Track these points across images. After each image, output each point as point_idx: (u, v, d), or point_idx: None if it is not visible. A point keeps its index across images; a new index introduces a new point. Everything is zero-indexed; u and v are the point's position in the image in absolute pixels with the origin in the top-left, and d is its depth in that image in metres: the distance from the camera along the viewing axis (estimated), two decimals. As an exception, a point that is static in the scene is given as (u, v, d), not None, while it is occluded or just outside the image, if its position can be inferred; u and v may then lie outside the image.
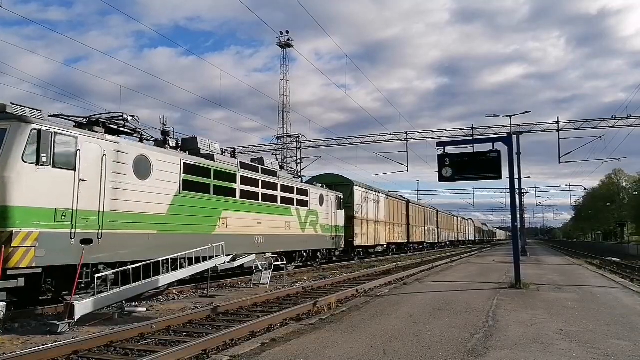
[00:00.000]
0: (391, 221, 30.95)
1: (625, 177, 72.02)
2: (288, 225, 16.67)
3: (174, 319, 7.70)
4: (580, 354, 4.79)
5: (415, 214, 38.27)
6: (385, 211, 29.80)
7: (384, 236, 29.11)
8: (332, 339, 5.53)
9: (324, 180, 23.38)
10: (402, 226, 34.18)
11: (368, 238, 26.17)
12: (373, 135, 37.74)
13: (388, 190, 36.77)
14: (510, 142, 10.93)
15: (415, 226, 38.03)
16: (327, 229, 20.17)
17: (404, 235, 34.53)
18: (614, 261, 31.35)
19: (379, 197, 28.61)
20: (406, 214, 35.19)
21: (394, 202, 32.33)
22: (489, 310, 7.48)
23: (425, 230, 41.58)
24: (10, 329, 7.07)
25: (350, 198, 23.88)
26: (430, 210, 45.68)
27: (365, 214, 25.89)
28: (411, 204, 36.98)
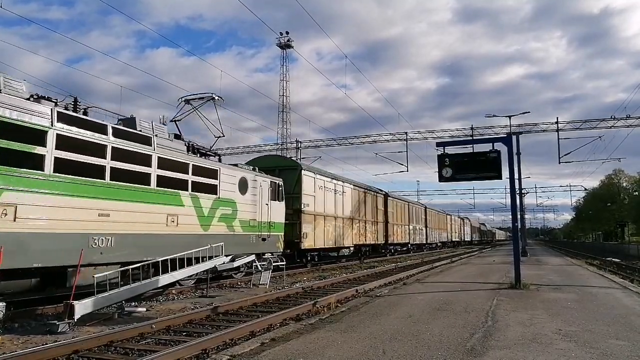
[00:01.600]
0: (361, 218, 24.84)
1: (626, 177, 72.10)
2: (174, 220, 11.04)
3: (174, 318, 7.71)
4: (579, 353, 4.80)
5: (396, 211, 32.20)
6: (353, 205, 23.74)
7: (350, 236, 23.06)
8: (331, 339, 5.54)
9: (261, 163, 17.78)
10: (379, 224, 28.07)
11: (325, 239, 20.11)
12: (373, 135, 37.85)
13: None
14: (510, 142, 10.94)
15: (396, 224, 31.95)
16: (253, 227, 14.17)
17: (381, 235, 28.45)
18: (614, 261, 31.34)
19: (342, 188, 22.64)
20: (384, 210, 29.36)
21: (366, 195, 26.16)
22: (489, 310, 7.48)
23: (410, 230, 35.71)
24: (10, 329, 7.08)
25: (297, 186, 18.28)
26: (417, 207, 39.95)
27: (321, 208, 19.99)
28: (391, 198, 31.21)
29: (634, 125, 30.41)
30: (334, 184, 21.91)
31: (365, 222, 25.59)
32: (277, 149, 41.03)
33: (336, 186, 22.04)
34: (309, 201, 18.78)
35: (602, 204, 72.12)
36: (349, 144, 38.31)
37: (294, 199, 18.04)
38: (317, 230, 19.39)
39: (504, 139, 11.16)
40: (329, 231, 20.57)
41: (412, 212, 36.67)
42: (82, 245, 8.64)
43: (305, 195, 18.59)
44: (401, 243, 33.67)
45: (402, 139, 35.68)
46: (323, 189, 20.36)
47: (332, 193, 21.42)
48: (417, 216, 38.41)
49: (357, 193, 24.69)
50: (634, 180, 69.25)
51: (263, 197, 14.88)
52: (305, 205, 18.46)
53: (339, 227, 21.89)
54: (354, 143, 38.06)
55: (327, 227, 20.44)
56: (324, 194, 20.30)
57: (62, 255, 8.35)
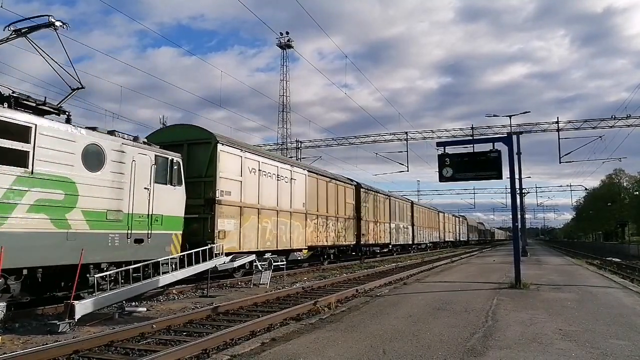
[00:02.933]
0: (320, 213, 19.54)
1: (626, 177, 72.10)
2: None
3: (174, 318, 7.71)
4: (579, 353, 4.80)
5: (372, 206, 26.95)
6: (308, 197, 18.37)
7: (302, 236, 17.68)
8: (332, 339, 5.54)
9: (163, 136, 13.50)
10: (348, 221, 22.90)
11: (259, 239, 14.65)
12: (373, 135, 37.89)
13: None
14: (510, 142, 10.94)
15: (372, 222, 26.67)
16: (115, 222, 9.52)
17: (351, 235, 23.24)
18: (614, 261, 31.34)
19: (290, 173, 17.11)
20: (355, 205, 24.10)
21: (328, 185, 20.77)
22: (489, 310, 7.49)
23: (392, 228, 30.45)
24: (11, 329, 7.08)
25: (210, 166, 12.92)
26: (401, 202, 34.37)
27: (254, 198, 14.50)
28: (364, 191, 25.81)
29: (635, 125, 30.44)
30: (277, 167, 16.10)
31: (327, 219, 20.14)
32: (278, 149, 41.08)
33: (280, 170, 16.19)
34: (231, 188, 13.28)
35: (602, 203, 72.10)
36: (348, 144, 38.36)
37: (206, 185, 12.74)
38: (247, 228, 13.91)
39: (504, 138, 11.16)
40: (266, 230, 15.05)
41: (394, 208, 31.71)
42: None
43: (224, 180, 13.05)
44: (380, 244, 28.38)
45: (402, 139, 35.73)
46: (257, 173, 14.80)
47: (272, 179, 15.70)
48: (401, 213, 33.42)
49: (313, 181, 19.15)
50: (634, 180, 69.24)
51: (139, 177, 10.17)
52: (224, 194, 12.93)
53: (284, 225, 16.31)
54: (354, 143, 38.12)
55: (264, 224, 14.91)
56: (258, 179, 14.80)
57: None
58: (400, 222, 32.98)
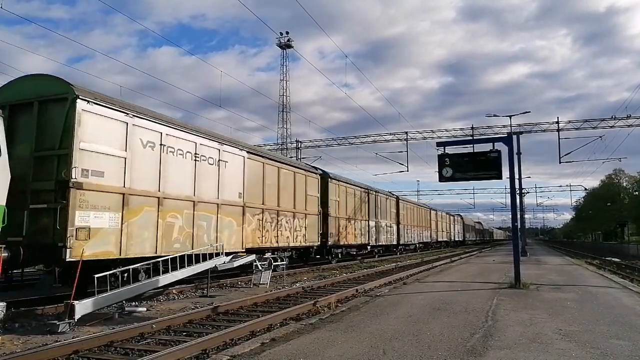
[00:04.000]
0: (269, 206, 15.34)
1: (626, 177, 72.16)
2: None
3: (174, 318, 7.71)
4: (579, 353, 4.80)
5: (344, 200, 22.92)
6: (250, 185, 14.18)
7: (237, 235, 13.41)
8: (331, 339, 5.54)
9: (12, 93, 9.45)
10: (309, 218, 18.50)
11: (161, 240, 10.48)
12: (373, 135, 37.89)
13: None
14: (510, 142, 10.94)
15: (343, 219, 22.59)
16: None
17: (313, 234, 18.93)
18: (614, 261, 31.36)
19: (219, 153, 12.76)
20: (319, 198, 19.72)
21: (280, 172, 16.35)
22: (489, 310, 7.49)
23: (370, 227, 26.58)
24: (11, 329, 7.08)
25: (66, 134, 8.75)
26: (383, 198, 29.90)
27: (153, 183, 10.47)
28: (333, 182, 21.72)
29: (635, 125, 30.46)
30: (195, 143, 11.78)
31: (277, 214, 15.93)
32: (278, 149, 41.09)
33: (200, 148, 11.93)
34: (104, 166, 9.19)
35: (602, 203, 72.15)
36: (348, 144, 38.36)
37: (61, 161, 8.71)
38: (136, 224, 9.76)
39: (504, 138, 11.16)
40: (173, 227, 10.90)
41: (375, 204, 27.82)
42: None
43: (91, 154, 8.90)
44: (355, 245, 24.42)
45: (402, 139, 35.74)
46: (159, 149, 10.59)
47: (187, 159, 11.46)
48: (383, 209, 29.53)
49: (257, 166, 14.81)
50: (634, 180, 69.29)
51: None
52: (90, 174, 8.83)
53: (207, 221, 12.07)
54: (354, 143, 38.13)
55: (170, 219, 10.78)
56: (160, 157, 10.58)
57: None
58: (382, 220, 29.02)
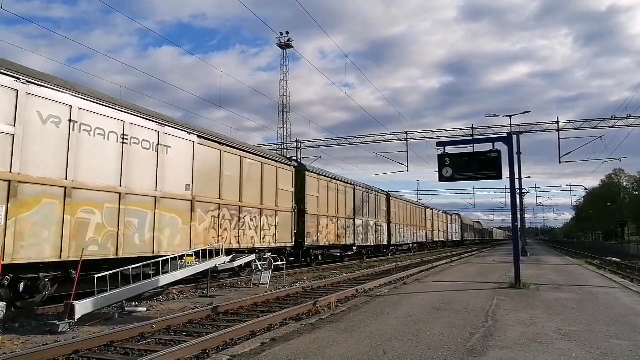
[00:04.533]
0: (227, 201, 13.14)
1: (626, 177, 72.20)
2: None
3: (174, 318, 7.71)
4: (580, 353, 4.80)
5: (325, 196, 20.77)
6: (201, 176, 12.12)
7: (182, 235, 11.22)
8: (332, 339, 5.54)
9: None
10: (282, 215, 16.27)
11: (67, 241, 8.31)
12: (373, 135, 37.87)
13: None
14: (510, 142, 10.94)
15: (324, 217, 20.36)
16: None
17: (286, 234, 16.58)
18: (614, 261, 31.37)
19: (158, 136, 10.72)
20: (294, 193, 17.34)
21: (243, 161, 14.13)
22: (489, 310, 7.48)
23: (357, 226, 24.30)
24: (11, 329, 7.08)
25: None
26: (371, 194, 27.40)
27: (57, 169, 8.37)
28: (311, 176, 19.41)
29: (635, 125, 30.44)
30: (124, 122, 9.76)
31: (239, 211, 13.71)
32: (278, 149, 41.09)
33: (132, 129, 9.91)
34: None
35: (602, 203, 72.16)
36: (348, 144, 38.35)
37: None
38: (29, 220, 7.80)
39: (504, 138, 11.16)
40: (88, 225, 8.86)
41: (362, 201, 25.70)
42: None
43: None
44: (339, 245, 22.31)
45: (402, 139, 35.73)
46: (68, 127, 8.64)
47: (110, 141, 9.48)
48: (372, 207, 27.29)
49: (212, 154, 12.63)
50: (634, 180, 69.31)
51: None
52: None
53: (140, 217, 10.01)
54: (354, 143, 38.10)
55: (82, 214, 8.75)
56: (69, 137, 8.61)
57: None
58: (370, 219, 26.85)
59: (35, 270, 8.01)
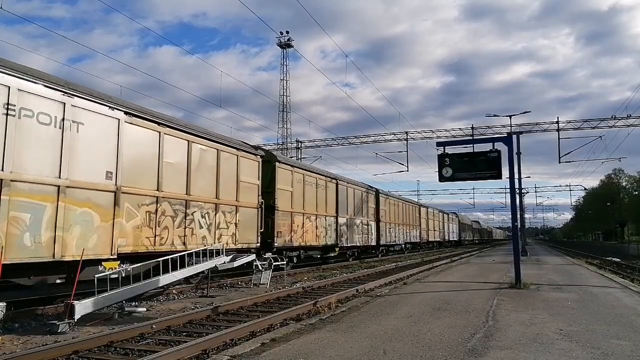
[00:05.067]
0: (168, 194, 10.83)
1: (626, 177, 72.24)
2: None
3: (174, 318, 7.70)
4: (580, 353, 4.79)
5: (300, 190, 18.16)
6: (129, 163, 9.75)
7: (100, 234, 9.00)
8: (332, 339, 5.53)
9: None
10: (244, 211, 13.94)
11: None
12: (373, 135, 37.89)
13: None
14: (510, 142, 10.93)
15: (298, 214, 17.80)
16: None
17: (250, 233, 14.28)
18: (614, 261, 31.37)
19: (64, 109, 8.36)
20: (259, 187, 14.91)
21: (192, 147, 11.74)
22: (489, 310, 7.48)
23: (339, 225, 21.89)
24: (10, 329, 7.07)
25: None
26: (357, 190, 25.00)
27: None
28: (283, 168, 16.94)
29: (635, 125, 30.46)
30: (8, 87, 7.48)
31: (185, 205, 11.36)
32: (278, 149, 41.09)
33: (16, 96, 7.65)
34: None
35: (602, 203, 72.19)
36: (348, 144, 38.36)
37: None
38: None
39: (504, 138, 11.16)
40: None
41: (345, 198, 23.00)
42: None
43: None
44: (318, 246, 19.88)
45: (402, 139, 35.75)
46: None
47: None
48: (358, 204, 24.99)
49: (145, 135, 10.35)
50: (634, 180, 69.35)
51: None
52: None
53: (31, 210, 7.82)
54: (354, 143, 38.12)
55: None
56: None
57: None
58: (356, 217, 24.57)
59: None
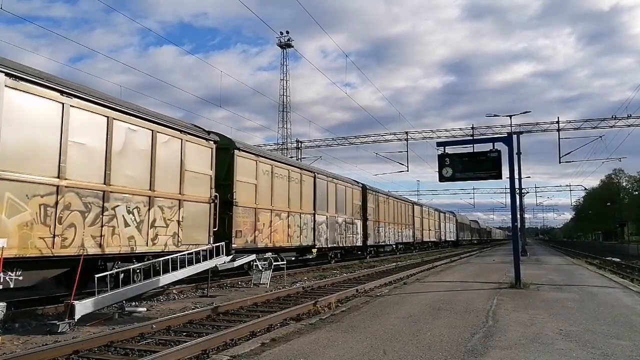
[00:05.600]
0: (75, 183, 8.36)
1: (626, 177, 72.18)
2: None
3: (174, 318, 7.70)
4: (580, 353, 4.79)
5: (268, 184, 15.52)
6: (7, 140, 7.26)
7: None
8: (332, 339, 5.53)
9: None
10: (190, 207, 11.31)
11: None
12: (373, 135, 37.89)
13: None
14: (510, 142, 10.94)
15: (264, 211, 15.19)
16: None
17: (200, 232, 11.66)
18: (614, 261, 31.38)
19: None
20: (211, 177, 12.25)
21: (110, 124, 9.17)
22: (489, 310, 7.48)
23: (317, 224, 19.33)
24: (11, 329, 7.07)
25: None
26: (340, 185, 22.41)
27: None
28: (244, 157, 14.32)
29: (635, 125, 30.48)
30: None
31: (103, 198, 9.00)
32: (278, 149, 41.09)
33: None
34: None
35: (602, 203, 72.12)
36: (349, 144, 38.37)
37: None
38: None
39: (504, 138, 11.16)
40: None
41: (325, 193, 20.42)
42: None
43: None
44: (290, 247, 17.11)
45: (402, 139, 35.77)
46: None
47: None
48: (341, 201, 22.27)
49: (35, 105, 7.81)
50: (634, 180, 69.30)
51: None
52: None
53: None
54: (354, 143, 38.14)
55: None
56: None
57: None
58: (339, 215, 21.92)
59: None
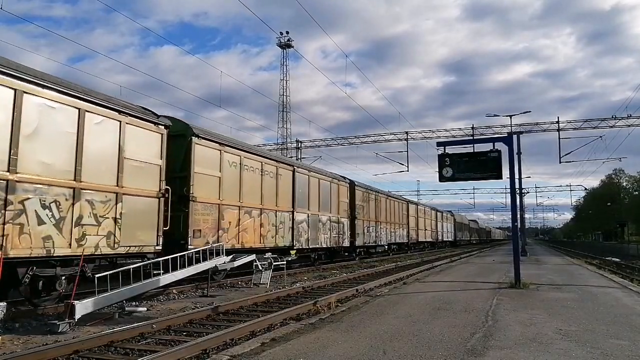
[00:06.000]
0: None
1: (626, 177, 72.23)
2: None
3: (175, 318, 7.71)
4: (580, 353, 4.80)
5: (233, 177, 13.75)
6: None
7: None
8: (332, 339, 5.54)
9: None
10: (130, 202, 9.76)
11: None
12: (373, 135, 37.90)
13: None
14: (510, 142, 10.94)
15: (230, 208, 13.48)
16: None
17: (144, 231, 10.09)
18: (613, 261, 31.38)
19: None
20: (161, 168, 10.70)
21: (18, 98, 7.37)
22: (489, 309, 7.49)
23: (297, 223, 17.79)
24: (11, 329, 7.07)
25: None
26: (325, 181, 20.76)
27: None
28: (205, 145, 12.48)
29: (635, 124, 30.50)
30: None
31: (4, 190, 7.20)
32: (278, 149, 41.10)
33: None
34: None
35: (602, 203, 72.14)
36: (349, 144, 38.39)
37: None
38: None
39: (504, 138, 11.16)
40: None
41: (307, 189, 18.82)
42: None
43: None
44: (264, 249, 15.22)
45: (402, 139, 35.78)
46: None
47: None
48: (325, 198, 20.62)
49: None
50: (634, 180, 69.33)
51: None
52: None
53: None
54: (354, 143, 38.17)
55: None
56: None
57: None
58: (322, 213, 20.20)
59: None
